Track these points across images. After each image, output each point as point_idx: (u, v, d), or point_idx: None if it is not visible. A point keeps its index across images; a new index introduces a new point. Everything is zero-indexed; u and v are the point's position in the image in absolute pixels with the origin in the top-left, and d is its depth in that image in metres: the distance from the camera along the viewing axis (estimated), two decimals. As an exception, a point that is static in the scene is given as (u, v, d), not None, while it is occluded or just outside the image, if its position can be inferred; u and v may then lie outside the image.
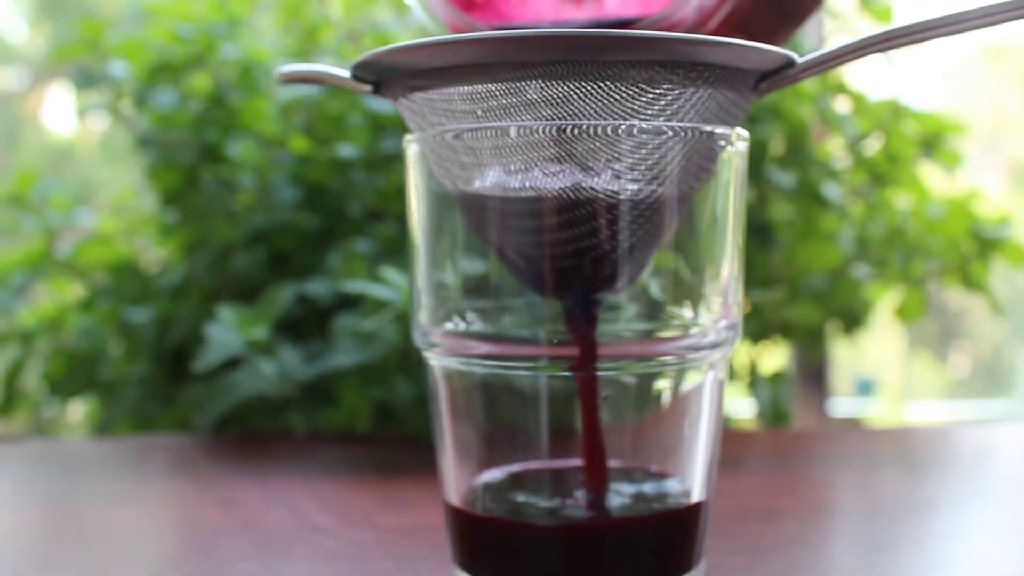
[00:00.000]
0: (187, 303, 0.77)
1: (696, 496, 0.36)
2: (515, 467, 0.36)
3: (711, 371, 0.36)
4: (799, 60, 0.33)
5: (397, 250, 0.71)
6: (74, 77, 0.81)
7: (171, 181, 0.78)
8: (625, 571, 0.34)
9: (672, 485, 0.36)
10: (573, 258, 0.33)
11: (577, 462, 0.36)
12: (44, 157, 2.00)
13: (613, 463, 0.36)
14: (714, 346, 0.35)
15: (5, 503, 0.55)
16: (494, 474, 0.37)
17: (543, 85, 0.31)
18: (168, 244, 0.82)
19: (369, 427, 0.68)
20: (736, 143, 0.34)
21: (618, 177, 0.32)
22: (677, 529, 0.35)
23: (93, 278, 0.84)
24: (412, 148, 0.36)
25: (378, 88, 0.35)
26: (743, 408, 0.90)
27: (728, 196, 0.35)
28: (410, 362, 0.66)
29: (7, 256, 0.83)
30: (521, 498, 0.36)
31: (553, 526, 0.35)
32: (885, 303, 0.86)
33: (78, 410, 0.95)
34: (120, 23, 0.85)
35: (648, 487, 0.37)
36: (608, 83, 0.31)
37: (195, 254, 0.77)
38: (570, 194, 0.32)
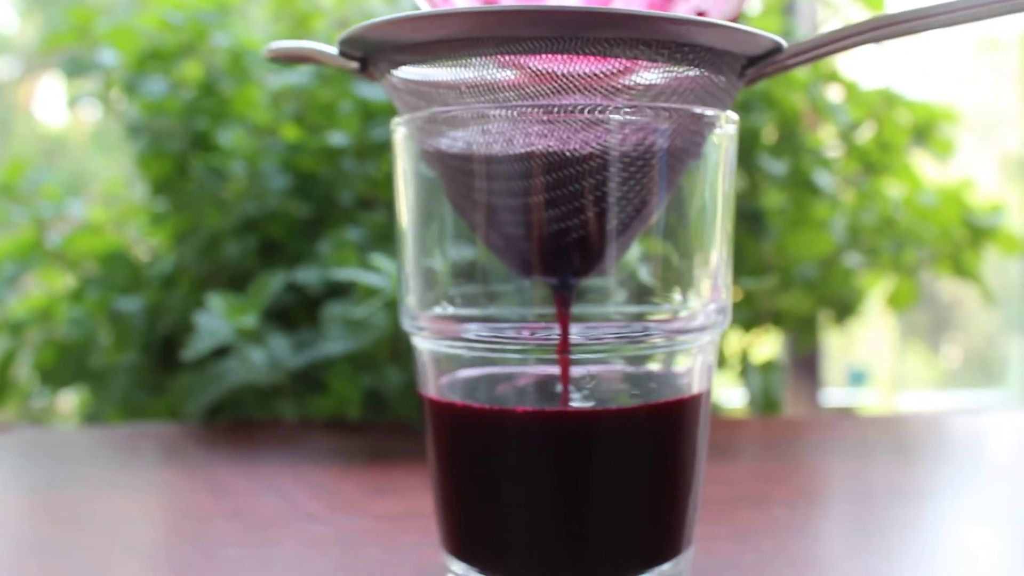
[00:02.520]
0: (177, 292, 0.77)
1: (696, 387, 0.36)
2: None
3: (700, 355, 0.36)
4: (786, 46, 0.33)
5: (387, 238, 0.71)
6: (64, 66, 0.80)
7: (161, 169, 0.78)
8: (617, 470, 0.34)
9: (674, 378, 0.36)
10: (557, 238, 0.33)
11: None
12: (36, 148, 2.00)
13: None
14: (703, 329, 0.35)
15: (-6, 491, 0.55)
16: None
17: (527, 60, 0.31)
18: (158, 233, 0.82)
19: (359, 415, 0.68)
20: (725, 126, 0.34)
21: (605, 156, 0.32)
22: (666, 423, 0.35)
23: (83, 268, 0.83)
24: (400, 132, 0.36)
25: (364, 65, 0.35)
26: (735, 397, 0.90)
27: (717, 179, 0.35)
28: (400, 350, 0.66)
29: (-3, 246, 0.82)
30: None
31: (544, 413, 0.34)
32: (877, 292, 0.86)
33: (69, 399, 0.95)
34: (110, 11, 0.84)
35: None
36: (594, 60, 0.31)
37: (185, 243, 0.77)
38: (552, 171, 0.32)
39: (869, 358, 1.74)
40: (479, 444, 0.34)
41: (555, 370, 0.35)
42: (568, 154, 0.31)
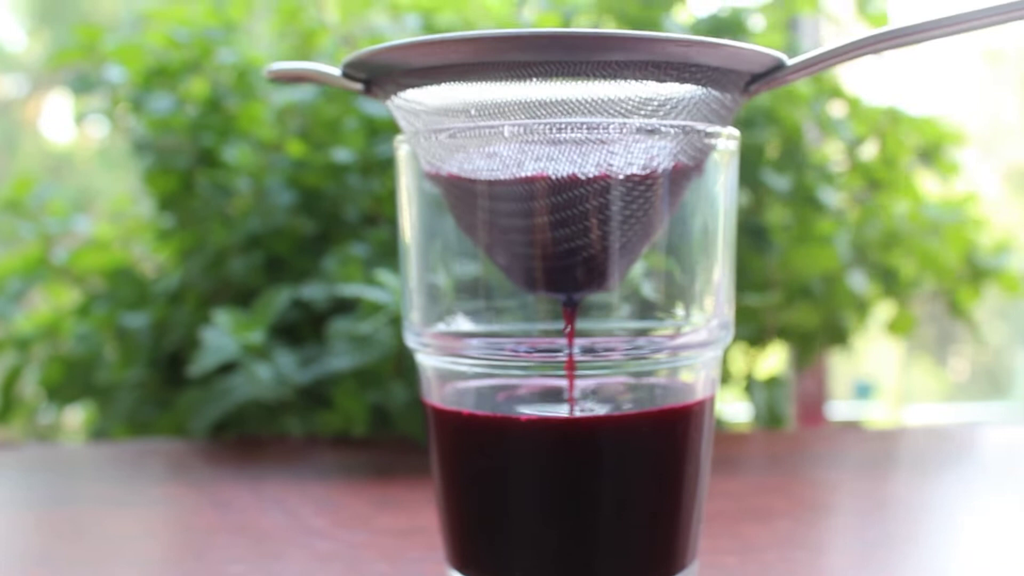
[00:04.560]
0: (183, 308, 0.77)
1: (700, 395, 0.36)
2: None
3: (704, 370, 0.36)
4: (789, 62, 0.33)
5: (392, 254, 0.71)
6: (71, 83, 0.81)
7: (167, 186, 0.78)
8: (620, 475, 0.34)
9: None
10: (563, 257, 0.33)
11: None
12: (42, 165, 2.00)
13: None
14: (706, 344, 0.35)
15: (3, 508, 0.55)
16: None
17: (538, 84, 0.31)
18: (164, 249, 0.82)
19: (365, 431, 0.68)
20: (726, 141, 0.34)
21: (609, 175, 0.32)
22: (670, 430, 0.35)
23: (89, 284, 0.84)
24: (403, 149, 0.36)
25: (369, 87, 0.35)
26: (740, 412, 0.90)
27: (719, 195, 0.35)
28: (405, 365, 0.66)
29: (4, 262, 0.83)
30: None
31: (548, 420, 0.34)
32: (880, 312, 0.86)
33: (75, 415, 0.95)
34: (117, 28, 0.85)
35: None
36: (603, 82, 0.31)
37: (191, 259, 0.77)
38: (560, 191, 0.32)
39: (876, 371, 1.73)
40: (483, 453, 0.34)
41: (559, 382, 0.35)
42: (573, 173, 0.32)
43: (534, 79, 0.31)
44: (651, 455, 0.34)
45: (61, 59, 0.82)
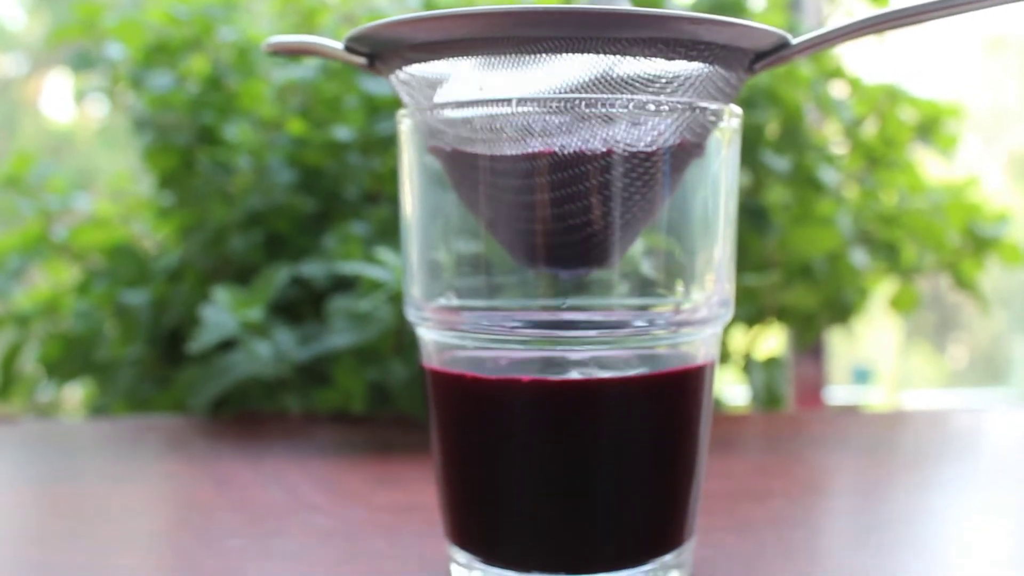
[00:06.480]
0: (183, 285, 0.77)
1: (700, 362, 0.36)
2: None
3: (703, 347, 0.36)
4: (794, 41, 0.33)
5: (392, 232, 0.71)
6: (71, 60, 0.80)
7: (167, 163, 0.78)
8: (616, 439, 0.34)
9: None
10: (565, 234, 0.33)
11: None
12: (43, 144, 2.00)
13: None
14: (706, 322, 0.35)
15: (3, 483, 0.55)
16: None
17: (546, 60, 0.31)
18: (164, 227, 0.82)
19: (363, 408, 0.68)
20: (729, 120, 0.34)
21: (613, 150, 0.32)
22: (670, 394, 0.35)
23: (89, 261, 0.84)
24: (406, 123, 0.36)
25: (372, 61, 0.35)
26: (738, 394, 0.90)
27: (721, 172, 0.35)
28: (404, 343, 0.66)
29: (4, 239, 0.83)
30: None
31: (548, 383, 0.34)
32: (881, 293, 0.86)
33: (75, 392, 0.95)
34: (117, 5, 0.85)
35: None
36: (610, 58, 0.31)
37: (191, 236, 0.77)
38: (564, 167, 0.32)
39: (874, 357, 1.74)
40: (483, 416, 0.34)
41: (559, 355, 0.35)
42: (578, 149, 0.31)
43: (543, 55, 0.31)
44: (651, 421, 0.34)
45: (61, 36, 0.81)
